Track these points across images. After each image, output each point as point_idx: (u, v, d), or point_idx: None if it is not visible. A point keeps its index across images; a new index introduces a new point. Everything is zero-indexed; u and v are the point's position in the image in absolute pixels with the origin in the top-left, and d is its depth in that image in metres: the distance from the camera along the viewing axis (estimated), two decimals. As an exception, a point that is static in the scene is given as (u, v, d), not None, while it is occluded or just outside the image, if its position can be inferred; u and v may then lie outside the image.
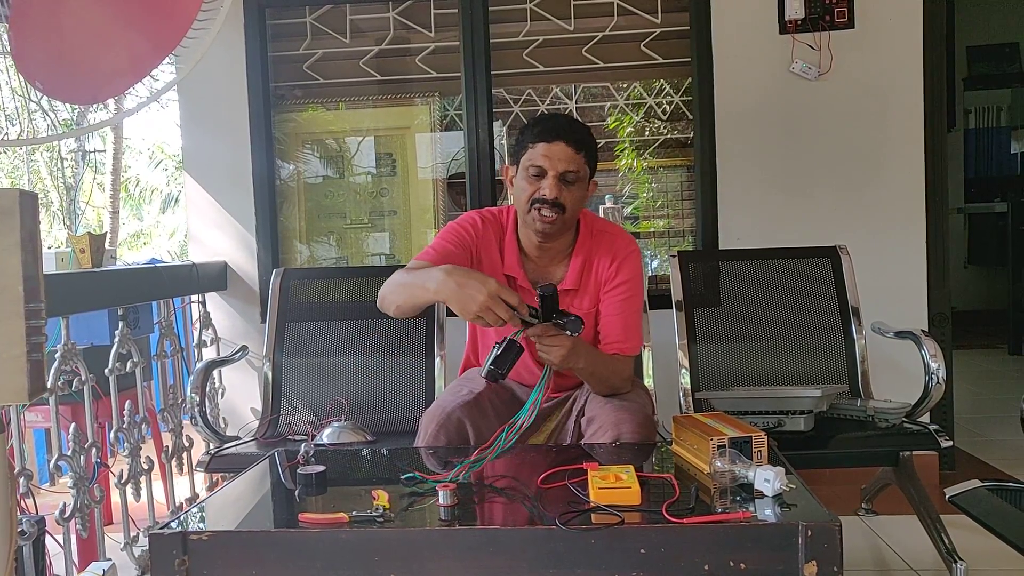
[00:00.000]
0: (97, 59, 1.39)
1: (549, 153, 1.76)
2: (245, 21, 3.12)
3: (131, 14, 1.40)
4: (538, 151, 1.77)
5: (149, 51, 1.38)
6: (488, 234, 1.90)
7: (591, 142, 1.83)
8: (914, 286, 2.95)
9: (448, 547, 1.24)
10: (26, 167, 14.84)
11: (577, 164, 1.77)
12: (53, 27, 1.38)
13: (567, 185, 1.77)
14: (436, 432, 1.74)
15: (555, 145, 1.76)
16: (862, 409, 2.19)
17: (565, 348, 1.61)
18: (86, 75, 1.38)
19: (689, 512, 1.24)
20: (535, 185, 1.78)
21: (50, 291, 2.11)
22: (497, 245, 1.91)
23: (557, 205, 1.76)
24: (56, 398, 2.14)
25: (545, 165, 1.76)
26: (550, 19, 3.12)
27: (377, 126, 3.32)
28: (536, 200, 1.77)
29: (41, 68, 1.39)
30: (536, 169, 1.77)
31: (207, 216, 3.19)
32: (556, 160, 1.76)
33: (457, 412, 1.75)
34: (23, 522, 1.96)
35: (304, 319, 2.59)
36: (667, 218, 3.20)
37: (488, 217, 1.93)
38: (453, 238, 1.87)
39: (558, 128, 1.78)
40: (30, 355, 0.96)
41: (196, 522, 1.35)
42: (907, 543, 2.41)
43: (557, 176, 1.76)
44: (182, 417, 2.78)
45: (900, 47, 2.92)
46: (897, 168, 2.94)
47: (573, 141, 1.77)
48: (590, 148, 1.82)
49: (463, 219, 1.92)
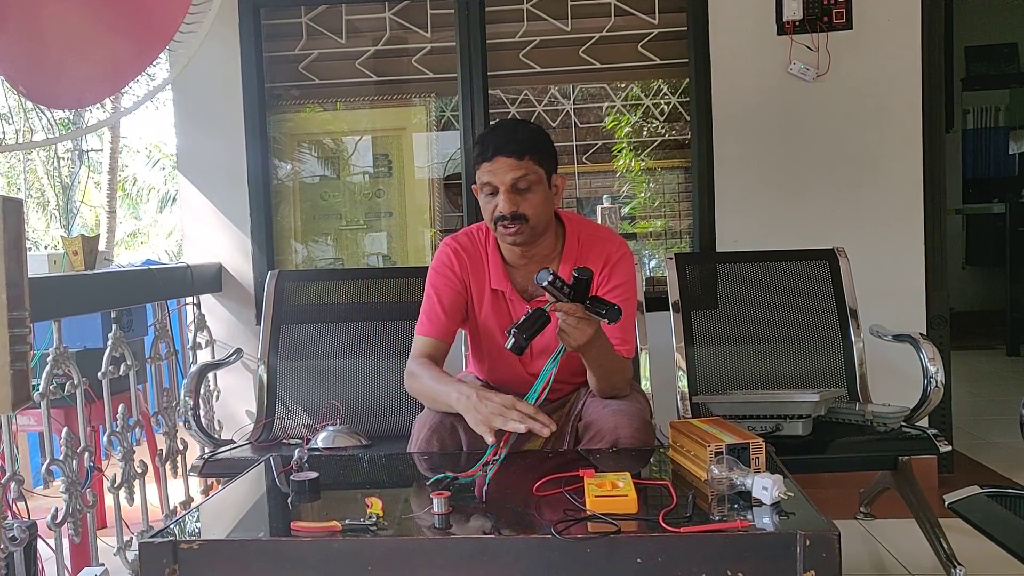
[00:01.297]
0: (77, 65, 1.37)
1: (493, 169, 1.77)
2: (240, 21, 3.10)
3: (112, 21, 1.38)
4: (484, 170, 1.79)
5: (130, 58, 1.37)
6: (467, 258, 1.91)
7: (538, 142, 1.81)
8: (912, 288, 2.94)
9: (441, 556, 1.23)
10: (23, 166, 14.81)
11: (524, 171, 1.76)
12: (34, 32, 1.36)
13: (520, 193, 1.77)
14: (429, 436, 1.72)
15: (495, 161, 1.76)
16: (860, 413, 2.18)
17: (590, 333, 1.59)
18: (67, 81, 1.37)
19: (686, 521, 1.23)
20: (492, 203, 1.79)
21: (42, 294, 2.10)
22: (481, 263, 1.91)
23: (517, 217, 1.76)
24: (48, 402, 2.12)
25: (493, 181, 1.77)
26: (547, 20, 3.11)
27: (373, 126, 3.30)
28: (497, 218, 1.78)
29: (23, 73, 1.37)
30: (488, 187, 1.79)
31: (202, 217, 3.17)
32: (501, 174, 1.76)
33: (450, 417, 1.73)
34: (14, 527, 1.94)
35: (299, 321, 2.58)
36: (664, 218, 3.19)
37: (463, 241, 1.94)
38: (439, 286, 1.90)
39: (496, 143, 1.78)
40: (13, 364, 0.94)
41: (187, 530, 1.33)
42: (906, 547, 2.40)
43: (508, 189, 1.76)
44: (177, 420, 2.76)
45: (898, 48, 2.90)
46: (895, 169, 2.93)
47: (513, 152, 1.76)
48: (536, 150, 1.79)
49: (439, 257, 1.94)
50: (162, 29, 1.38)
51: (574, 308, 1.56)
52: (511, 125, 1.91)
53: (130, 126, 17.85)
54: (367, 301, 2.60)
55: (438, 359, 1.86)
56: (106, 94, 1.42)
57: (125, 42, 1.38)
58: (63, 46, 1.37)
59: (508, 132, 1.81)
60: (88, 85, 1.36)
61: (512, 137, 1.78)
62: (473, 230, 1.96)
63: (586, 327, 1.58)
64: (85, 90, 1.37)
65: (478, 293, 1.90)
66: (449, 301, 1.90)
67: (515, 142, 1.77)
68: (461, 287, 1.91)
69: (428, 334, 1.89)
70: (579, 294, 1.58)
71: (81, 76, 1.36)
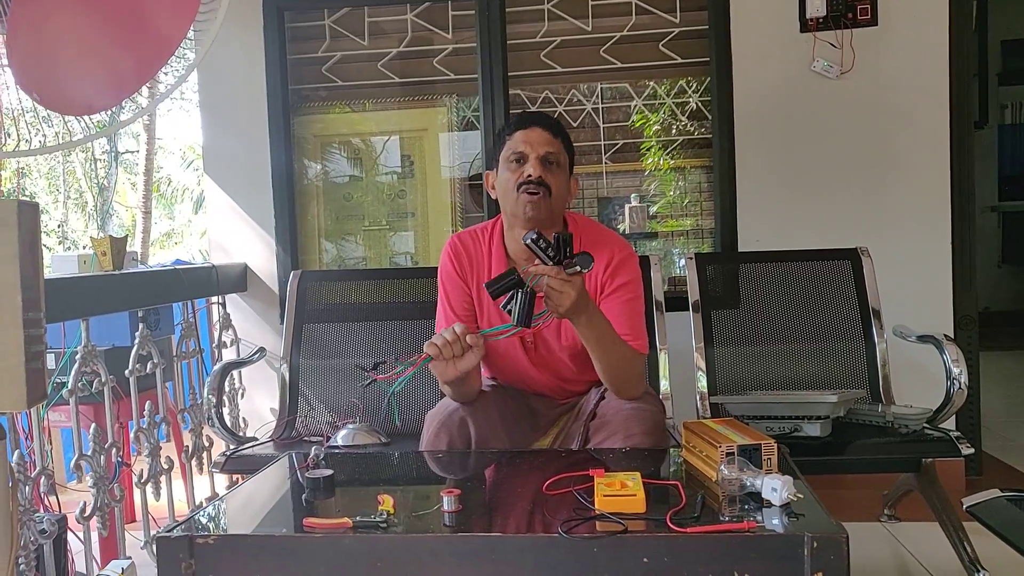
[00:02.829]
0: (84, 73, 1.41)
1: (527, 139, 1.82)
2: (264, 24, 3.15)
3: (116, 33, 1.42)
4: (516, 139, 1.84)
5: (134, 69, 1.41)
6: (467, 257, 1.94)
7: (567, 135, 1.89)
8: (939, 288, 2.90)
9: (450, 554, 1.24)
10: (62, 168, 15.14)
11: (556, 148, 1.84)
12: (44, 41, 1.40)
13: (548, 167, 1.81)
14: (437, 430, 1.74)
15: (532, 131, 1.83)
16: (881, 415, 2.16)
17: (574, 295, 1.59)
18: (76, 88, 1.41)
19: (694, 521, 1.23)
20: (518, 171, 1.82)
21: (72, 294, 2.16)
22: (482, 259, 1.93)
23: (542, 184, 1.79)
24: (76, 399, 2.17)
25: (525, 150, 1.82)
26: (568, 19, 3.11)
27: (395, 128, 3.33)
28: (521, 183, 1.80)
29: (35, 80, 1.42)
30: (517, 155, 1.83)
31: (228, 218, 3.22)
32: (536, 144, 1.82)
33: (460, 411, 1.75)
34: (44, 520, 1.99)
35: (321, 321, 2.61)
36: (692, 217, 3.17)
37: (465, 239, 1.96)
38: (448, 289, 1.95)
39: (532, 117, 1.87)
40: (29, 364, 0.97)
41: (203, 526, 1.36)
42: (929, 551, 2.37)
43: (539, 158, 1.81)
44: (202, 417, 2.81)
45: (925, 44, 2.86)
46: (921, 167, 2.88)
47: (549, 127, 1.84)
48: (566, 138, 1.88)
49: (441, 259, 1.98)
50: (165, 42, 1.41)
51: (551, 269, 1.59)
52: (543, 112, 1.98)
53: (165, 127, 18.20)
54: (387, 301, 2.63)
55: None
56: (113, 102, 1.47)
57: (128, 54, 1.42)
58: (71, 55, 1.41)
59: (543, 114, 1.91)
60: (96, 93, 1.41)
61: (547, 118, 1.89)
62: (477, 229, 1.98)
63: (570, 290, 1.59)
64: (94, 97, 1.41)
65: (479, 292, 1.91)
66: (459, 304, 1.92)
67: (551, 121, 1.87)
68: (465, 288, 1.93)
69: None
70: (562, 254, 1.60)
71: (89, 84, 1.40)
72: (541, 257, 1.60)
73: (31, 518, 1.93)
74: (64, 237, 15.28)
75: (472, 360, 1.65)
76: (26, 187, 14.65)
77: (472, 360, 1.65)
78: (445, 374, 1.68)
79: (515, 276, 1.62)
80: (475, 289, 1.93)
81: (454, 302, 1.92)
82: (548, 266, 1.59)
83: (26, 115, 1.61)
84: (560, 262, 1.60)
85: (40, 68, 1.39)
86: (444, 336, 1.64)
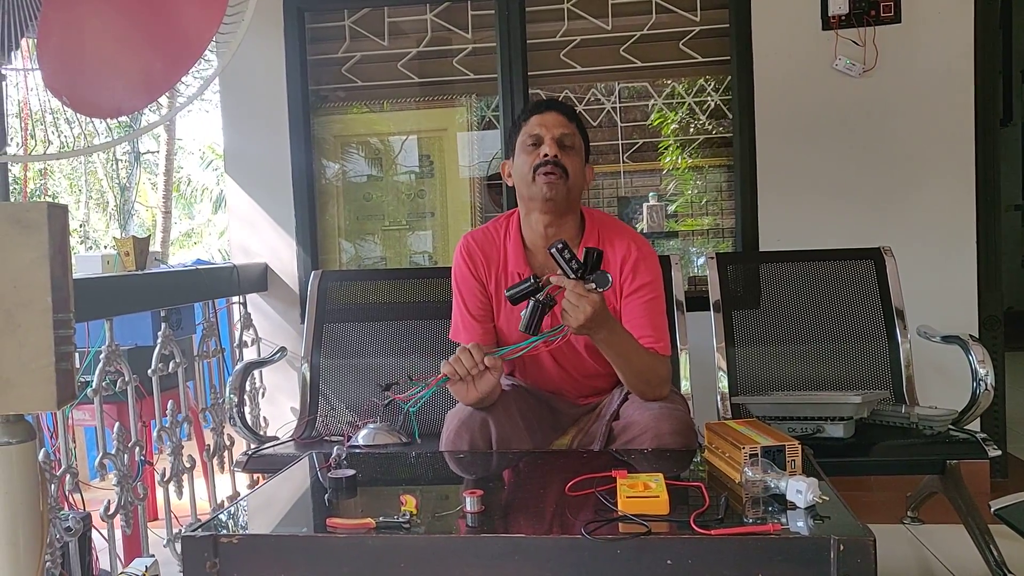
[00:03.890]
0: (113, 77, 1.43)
1: (543, 122, 1.84)
2: (285, 25, 3.16)
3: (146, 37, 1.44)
4: (532, 123, 1.86)
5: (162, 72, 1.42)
6: (482, 254, 1.93)
7: (580, 121, 1.91)
8: (964, 288, 2.86)
9: (473, 554, 1.24)
10: (84, 168, 15.31)
11: (571, 131, 1.85)
12: (74, 44, 1.42)
13: (564, 150, 1.82)
14: (458, 429, 1.74)
15: (547, 115, 1.85)
16: (905, 416, 2.13)
17: (589, 310, 1.57)
18: (105, 91, 1.43)
19: (718, 523, 1.22)
20: (535, 153, 1.83)
21: (95, 294, 2.18)
22: (497, 254, 1.92)
23: (559, 165, 1.80)
24: (100, 398, 2.19)
25: (541, 132, 1.84)
26: (587, 18, 3.10)
27: (414, 128, 3.34)
28: (538, 165, 1.81)
29: (64, 83, 1.43)
30: (533, 139, 1.84)
31: (248, 218, 3.24)
32: (551, 126, 1.84)
33: (480, 412, 1.74)
34: (70, 518, 2.01)
35: (341, 320, 2.62)
36: (712, 216, 3.15)
37: (478, 236, 1.96)
38: (463, 291, 1.94)
39: (546, 102, 1.91)
40: (58, 364, 0.98)
41: (227, 525, 1.37)
42: (954, 553, 2.34)
43: (555, 139, 1.82)
44: (224, 417, 2.83)
45: (950, 41, 2.83)
46: (946, 166, 2.85)
47: (563, 112, 1.87)
48: (580, 124, 1.91)
49: (455, 259, 1.97)
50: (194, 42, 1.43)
51: (569, 283, 1.58)
52: (556, 99, 2.01)
53: (185, 128, 18.34)
54: (407, 300, 2.64)
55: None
56: (141, 105, 1.48)
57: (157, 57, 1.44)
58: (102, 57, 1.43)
59: (556, 99, 1.97)
60: (127, 94, 1.42)
61: (561, 103, 1.92)
62: (490, 225, 1.97)
63: (586, 305, 1.57)
64: (123, 100, 1.43)
65: (497, 287, 1.91)
66: (475, 306, 1.92)
67: (565, 106, 1.90)
68: (480, 288, 1.92)
69: (466, 343, 1.89)
70: (587, 269, 1.58)
71: (120, 86, 1.42)
72: (564, 268, 1.58)
73: (56, 516, 1.95)
74: (86, 237, 15.46)
75: (491, 381, 1.66)
76: (49, 188, 14.84)
77: (491, 381, 1.66)
78: (466, 397, 1.70)
79: (531, 283, 1.61)
80: (493, 287, 1.91)
81: (470, 304, 1.91)
82: (567, 279, 1.59)
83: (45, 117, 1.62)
84: (582, 276, 1.58)
85: (71, 71, 1.40)
86: (461, 359, 1.65)
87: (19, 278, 0.99)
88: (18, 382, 1.01)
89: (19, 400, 1.03)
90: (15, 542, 1.07)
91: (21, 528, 1.08)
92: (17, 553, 1.08)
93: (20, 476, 1.07)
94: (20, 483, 1.07)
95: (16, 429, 1.09)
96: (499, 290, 1.89)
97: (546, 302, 1.60)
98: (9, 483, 1.07)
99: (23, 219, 0.99)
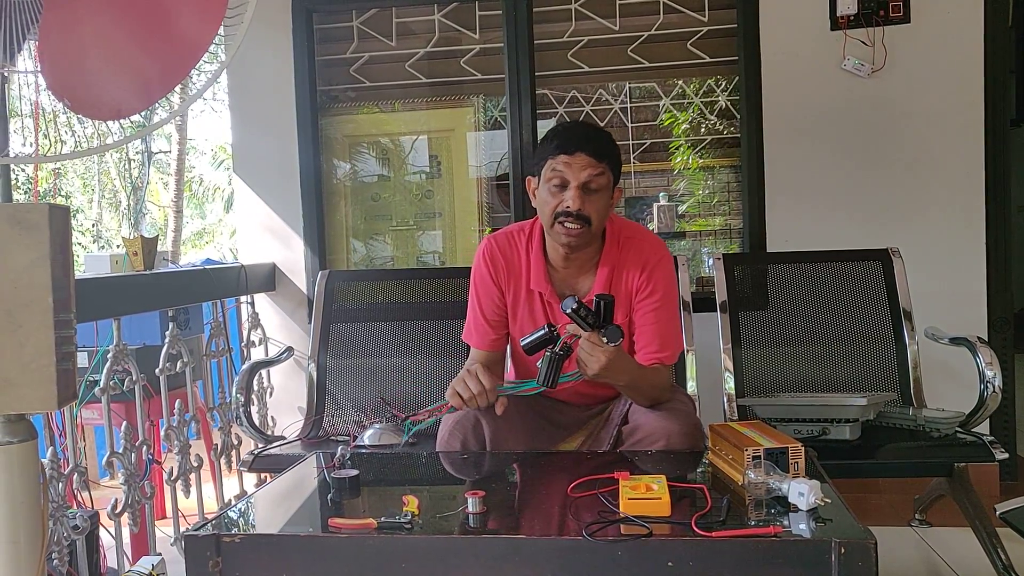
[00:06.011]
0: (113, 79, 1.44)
1: (571, 162, 1.74)
2: (293, 25, 3.17)
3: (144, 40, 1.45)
4: (559, 162, 1.75)
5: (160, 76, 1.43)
6: (504, 262, 1.91)
7: (613, 149, 1.80)
8: (973, 290, 2.84)
9: (473, 555, 1.24)
10: (96, 168, 15.42)
11: (599, 172, 1.74)
12: (74, 45, 1.43)
13: (590, 194, 1.75)
14: (452, 430, 1.74)
15: (576, 156, 1.73)
16: (912, 418, 2.12)
17: (604, 360, 1.59)
18: (105, 93, 1.44)
19: (719, 525, 1.22)
20: (558, 197, 1.75)
21: (104, 294, 2.19)
22: (519, 265, 1.90)
23: (581, 217, 1.74)
24: (108, 397, 2.21)
25: (567, 175, 1.74)
26: (595, 19, 3.10)
27: (423, 128, 3.34)
28: (560, 213, 1.75)
29: (65, 84, 1.45)
30: (558, 180, 1.75)
31: (257, 218, 3.25)
32: (578, 170, 1.73)
33: (475, 412, 1.74)
34: (77, 516, 2.03)
35: (349, 320, 2.63)
36: (722, 216, 3.14)
37: (502, 242, 1.92)
38: (480, 294, 1.93)
39: (578, 138, 1.75)
40: (59, 364, 0.99)
41: (231, 524, 1.37)
42: (961, 556, 2.32)
43: (579, 186, 1.73)
44: (231, 416, 2.84)
45: (959, 40, 2.81)
46: (955, 166, 2.83)
47: (593, 151, 1.74)
48: (612, 155, 1.78)
49: (476, 261, 1.94)
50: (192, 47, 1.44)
51: (587, 335, 1.59)
52: (593, 127, 1.91)
53: (196, 128, 18.44)
54: (415, 301, 2.64)
55: (493, 369, 1.87)
56: (141, 107, 1.49)
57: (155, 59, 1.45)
58: (100, 60, 1.44)
59: (592, 132, 1.80)
60: (124, 97, 1.43)
61: (596, 137, 1.78)
62: (515, 230, 1.94)
63: (600, 355, 1.59)
64: (122, 102, 1.44)
65: (515, 296, 1.90)
66: (490, 311, 1.91)
67: (598, 143, 1.76)
68: (498, 293, 1.91)
69: (478, 347, 1.93)
70: (601, 319, 1.60)
71: (117, 88, 1.43)
72: (580, 324, 1.60)
73: (64, 514, 1.96)
74: (98, 236, 15.56)
75: (497, 410, 1.70)
76: (62, 187, 14.95)
77: (497, 410, 1.70)
78: (462, 408, 1.72)
79: (546, 332, 1.63)
80: (510, 296, 1.90)
81: (485, 308, 1.91)
82: (583, 331, 1.60)
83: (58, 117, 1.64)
84: (599, 326, 1.60)
85: (71, 72, 1.42)
86: (468, 383, 1.67)
87: (20, 278, 0.99)
88: (19, 382, 1.02)
89: (20, 400, 1.03)
90: (16, 540, 1.08)
91: (22, 527, 1.09)
92: (18, 551, 1.09)
93: (21, 475, 1.08)
94: (21, 482, 1.08)
95: (17, 428, 1.10)
96: (516, 301, 1.90)
97: (563, 354, 1.63)
98: (10, 482, 1.07)
99: (24, 220, 1.00)
